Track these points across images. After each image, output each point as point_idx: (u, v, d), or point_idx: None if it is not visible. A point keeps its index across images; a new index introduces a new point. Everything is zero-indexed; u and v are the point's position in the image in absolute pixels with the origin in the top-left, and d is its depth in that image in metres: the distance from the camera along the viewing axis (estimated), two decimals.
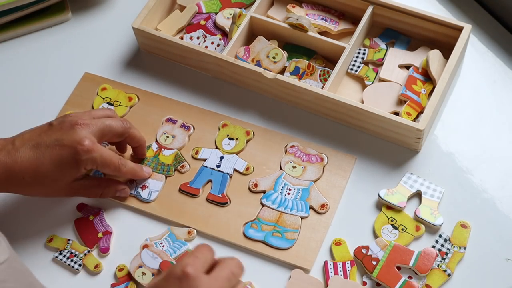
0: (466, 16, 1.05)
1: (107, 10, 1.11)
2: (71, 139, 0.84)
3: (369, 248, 0.87)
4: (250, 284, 0.86)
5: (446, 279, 0.85)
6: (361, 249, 0.87)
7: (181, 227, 0.90)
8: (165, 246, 0.88)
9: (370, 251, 0.86)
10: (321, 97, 0.94)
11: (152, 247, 0.88)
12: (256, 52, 1.00)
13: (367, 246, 0.87)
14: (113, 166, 0.88)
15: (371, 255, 0.86)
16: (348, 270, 0.86)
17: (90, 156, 0.85)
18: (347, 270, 0.86)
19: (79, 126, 0.85)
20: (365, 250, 0.87)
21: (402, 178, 0.92)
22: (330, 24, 1.03)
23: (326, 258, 0.88)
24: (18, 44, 1.09)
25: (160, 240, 0.89)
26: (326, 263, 0.87)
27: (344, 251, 0.88)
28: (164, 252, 0.88)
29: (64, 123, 0.86)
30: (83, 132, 0.85)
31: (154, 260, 0.88)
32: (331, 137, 0.96)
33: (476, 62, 1.01)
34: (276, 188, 0.92)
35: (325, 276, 0.86)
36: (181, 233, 0.90)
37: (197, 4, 1.08)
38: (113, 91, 1.01)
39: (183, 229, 0.90)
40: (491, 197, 0.91)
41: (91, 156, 0.85)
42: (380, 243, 0.87)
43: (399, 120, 0.91)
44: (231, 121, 0.98)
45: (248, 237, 0.89)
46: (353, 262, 0.87)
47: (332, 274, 0.86)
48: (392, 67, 0.99)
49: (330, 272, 0.86)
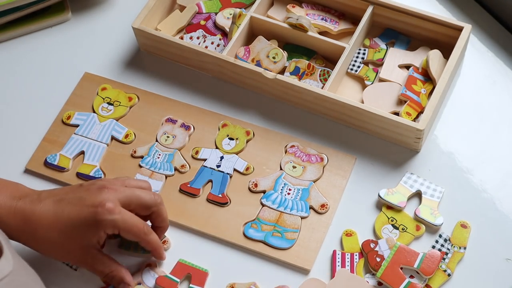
0: (466, 16, 1.05)
1: (107, 10, 1.11)
2: (93, 200, 0.80)
3: (378, 244, 0.87)
4: (254, 285, 0.86)
5: (446, 279, 0.85)
6: (370, 243, 0.87)
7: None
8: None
9: (378, 247, 0.87)
10: (321, 97, 0.94)
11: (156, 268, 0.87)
12: (256, 52, 1.00)
13: (377, 241, 0.87)
14: (138, 231, 0.82)
15: (377, 251, 0.86)
16: (355, 261, 0.86)
17: (112, 218, 0.79)
18: (355, 262, 0.86)
19: (107, 189, 0.81)
20: (373, 244, 0.87)
21: (402, 178, 0.92)
22: (330, 24, 1.03)
23: (326, 259, 0.88)
24: (18, 44, 1.09)
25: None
26: (335, 253, 0.87)
27: (354, 243, 0.88)
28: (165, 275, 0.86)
29: (94, 185, 0.83)
30: (108, 195, 0.81)
31: (154, 279, 0.87)
32: (331, 137, 0.96)
33: (476, 62, 1.01)
34: (276, 188, 0.92)
35: (332, 265, 0.86)
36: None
37: (197, 4, 1.08)
38: (113, 91, 1.01)
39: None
40: (491, 197, 0.91)
41: (113, 218, 0.79)
42: (390, 242, 0.87)
43: (399, 120, 0.91)
44: (231, 121, 0.98)
45: (248, 237, 0.89)
46: (361, 255, 0.87)
47: (340, 264, 0.86)
48: (392, 67, 0.99)
49: (337, 262, 0.86)
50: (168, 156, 0.96)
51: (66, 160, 0.96)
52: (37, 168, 0.96)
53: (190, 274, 0.87)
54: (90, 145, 0.97)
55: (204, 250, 0.89)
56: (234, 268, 0.88)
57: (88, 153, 0.97)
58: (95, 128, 0.98)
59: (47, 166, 0.96)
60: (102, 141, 0.97)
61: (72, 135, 0.98)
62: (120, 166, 0.96)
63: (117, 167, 0.96)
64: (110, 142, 0.98)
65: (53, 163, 0.96)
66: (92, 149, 0.97)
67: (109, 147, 0.97)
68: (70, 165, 0.96)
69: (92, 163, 0.96)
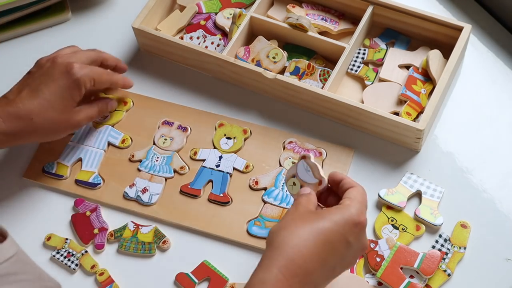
0: (466, 16, 1.05)
1: (107, 10, 1.11)
2: (61, 68, 0.89)
3: (378, 244, 0.87)
4: None
5: (446, 279, 0.85)
6: (370, 243, 0.87)
7: None
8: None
9: (378, 246, 0.87)
10: (321, 97, 0.94)
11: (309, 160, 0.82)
12: (256, 52, 1.00)
13: (377, 241, 0.87)
14: (107, 74, 0.94)
15: (377, 251, 0.86)
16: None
17: (84, 72, 0.89)
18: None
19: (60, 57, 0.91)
20: (374, 244, 0.87)
21: (402, 178, 0.92)
22: (330, 24, 1.03)
23: None
24: (18, 44, 1.09)
25: None
26: None
27: None
28: (317, 167, 0.81)
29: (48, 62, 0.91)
30: (68, 59, 0.90)
31: (306, 173, 0.82)
32: (331, 137, 0.96)
33: (476, 62, 1.01)
34: (277, 185, 0.92)
35: None
36: None
37: (197, 4, 1.08)
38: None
39: None
40: (491, 197, 0.91)
41: (85, 71, 0.89)
42: (390, 242, 0.87)
43: (399, 120, 0.91)
44: (228, 120, 0.98)
45: (252, 234, 0.89)
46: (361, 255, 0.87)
47: None
48: (392, 67, 0.99)
49: None
50: (167, 159, 0.96)
51: (64, 168, 0.96)
52: (35, 177, 0.96)
53: (210, 278, 0.87)
54: (87, 152, 0.97)
55: (204, 250, 0.89)
56: (236, 268, 0.88)
57: (85, 160, 0.96)
58: (90, 135, 0.98)
59: (45, 174, 0.96)
60: (99, 148, 0.97)
61: (68, 143, 0.98)
62: (119, 171, 0.95)
63: (115, 172, 0.95)
64: (107, 148, 0.97)
65: (51, 171, 0.96)
66: (90, 155, 0.97)
67: (106, 152, 0.97)
68: (68, 173, 0.96)
69: (91, 170, 0.96)
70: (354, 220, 0.73)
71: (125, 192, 0.93)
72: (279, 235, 0.72)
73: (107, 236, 0.91)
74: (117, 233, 0.91)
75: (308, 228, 0.72)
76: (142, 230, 0.91)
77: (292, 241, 0.71)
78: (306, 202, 0.76)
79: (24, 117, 0.86)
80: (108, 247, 0.90)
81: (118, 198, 0.93)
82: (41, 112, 0.87)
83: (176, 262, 0.89)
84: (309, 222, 0.72)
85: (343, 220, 0.73)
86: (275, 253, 0.70)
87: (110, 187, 0.94)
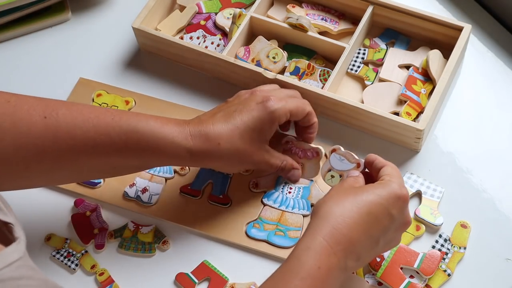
0: (466, 16, 1.05)
1: (107, 10, 1.11)
2: (257, 100, 0.85)
3: None
4: (254, 285, 0.86)
5: (446, 279, 0.85)
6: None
7: None
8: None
9: None
10: (321, 97, 0.94)
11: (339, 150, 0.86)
12: (256, 52, 1.00)
13: None
14: (304, 107, 0.87)
15: None
16: None
17: (281, 105, 0.85)
18: None
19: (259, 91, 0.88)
20: None
21: None
22: (330, 24, 1.03)
23: None
24: (18, 44, 1.09)
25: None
26: None
27: None
28: (350, 154, 0.85)
29: (246, 93, 0.88)
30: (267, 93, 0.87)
31: (341, 162, 0.86)
32: (330, 137, 0.96)
33: (476, 62, 1.01)
34: (277, 187, 0.92)
35: None
36: None
37: (197, 4, 1.08)
38: (109, 96, 1.01)
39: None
40: (491, 197, 0.91)
41: (281, 105, 0.85)
42: None
43: (399, 120, 0.91)
44: None
45: (251, 237, 0.89)
46: None
47: None
48: (392, 67, 0.99)
49: None
50: None
51: None
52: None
53: (210, 278, 0.87)
54: None
55: (204, 250, 0.89)
56: (235, 269, 0.88)
57: None
58: None
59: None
60: None
61: None
62: None
63: None
64: None
65: None
66: None
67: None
68: None
69: None
70: (396, 193, 0.76)
71: (125, 192, 0.93)
72: (323, 206, 0.75)
73: (107, 236, 0.91)
74: (117, 233, 0.91)
75: (352, 199, 0.75)
76: (142, 230, 0.91)
77: (337, 211, 0.74)
78: (352, 181, 0.80)
79: (212, 140, 0.83)
80: (108, 247, 0.90)
81: (118, 197, 0.93)
82: (228, 139, 0.83)
83: (176, 262, 0.89)
84: (353, 195, 0.76)
85: (386, 193, 0.76)
86: (320, 223, 0.74)
87: (110, 187, 0.94)
